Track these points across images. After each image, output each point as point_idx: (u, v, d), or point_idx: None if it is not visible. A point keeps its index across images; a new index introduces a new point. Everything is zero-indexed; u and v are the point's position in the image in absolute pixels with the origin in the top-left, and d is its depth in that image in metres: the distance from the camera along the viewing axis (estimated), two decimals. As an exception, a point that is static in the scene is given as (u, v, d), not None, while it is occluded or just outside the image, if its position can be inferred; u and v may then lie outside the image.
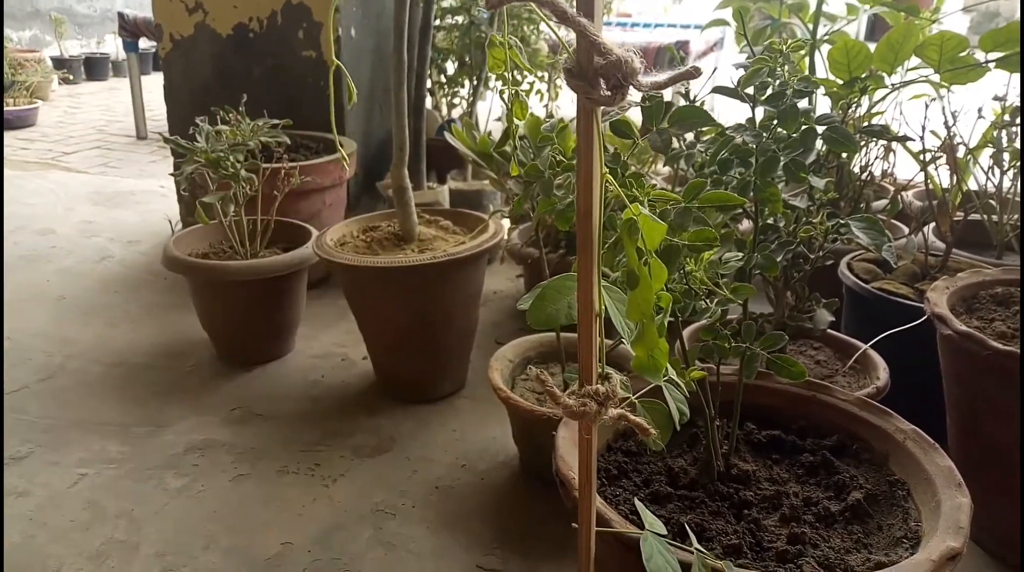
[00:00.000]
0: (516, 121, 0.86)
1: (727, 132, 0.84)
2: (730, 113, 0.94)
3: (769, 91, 0.81)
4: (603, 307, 0.46)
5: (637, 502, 0.65)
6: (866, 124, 1.62)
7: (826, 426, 1.05)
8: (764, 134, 0.83)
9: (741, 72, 0.86)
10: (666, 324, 0.45)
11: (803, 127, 0.81)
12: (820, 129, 0.83)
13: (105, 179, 3.71)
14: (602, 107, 0.38)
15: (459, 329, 1.71)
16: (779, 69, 0.80)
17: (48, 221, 2.98)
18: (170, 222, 2.52)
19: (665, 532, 0.58)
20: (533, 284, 2.15)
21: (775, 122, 0.84)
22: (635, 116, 0.88)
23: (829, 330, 1.52)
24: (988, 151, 1.71)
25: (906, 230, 1.98)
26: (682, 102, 1.34)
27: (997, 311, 1.34)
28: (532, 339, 1.62)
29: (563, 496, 0.88)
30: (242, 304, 1.81)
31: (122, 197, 3.34)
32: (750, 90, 0.85)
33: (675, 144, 0.95)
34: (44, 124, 5.19)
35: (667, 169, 2.27)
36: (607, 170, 0.38)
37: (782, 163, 0.84)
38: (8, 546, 1.31)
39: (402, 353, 1.70)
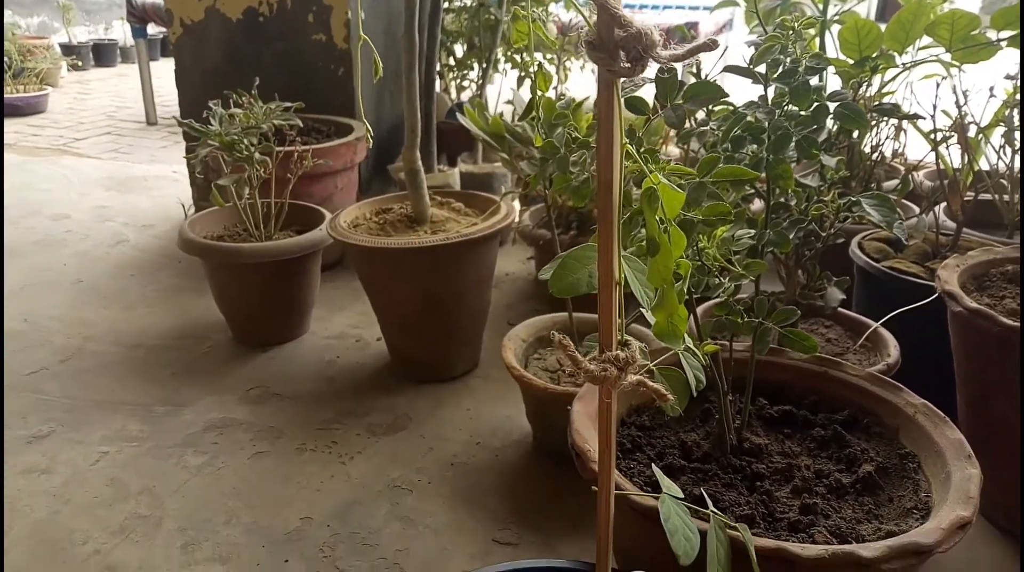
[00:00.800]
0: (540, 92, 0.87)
1: (740, 110, 0.85)
2: (739, 95, 0.95)
3: (781, 68, 0.82)
4: (623, 276, 0.48)
5: (655, 467, 0.67)
6: (877, 103, 1.63)
7: (837, 401, 1.07)
8: (776, 111, 0.84)
9: (752, 50, 0.86)
10: (685, 291, 0.46)
11: (815, 104, 0.82)
12: (831, 106, 0.84)
13: (117, 165, 3.73)
14: (622, 79, 0.39)
15: (472, 310, 1.73)
16: (791, 46, 0.81)
17: (62, 206, 3.00)
18: (183, 206, 2.55)
19: (682, 495, 0.60)
20: (545, 265, 2.16)
21: (787, 99, 0.85)
22: (646, 96, 0.89)
23: (840, 309, 1.54)
24: (1000, 130, 1.71)
25: (917, 210, 1.99)
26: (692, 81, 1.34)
27: (1007, 289, 1.35)
28: (544, 319, 1.64)
29: (579, 468, 0.89)
30: (257, 286, 1.83)
31: (135, 182, 3.36)
32: (762, 68, 0.86)
33: (686, 123, 0.96)
34: (54, 110, 5.22)
35: (677, 151, 2.28)
36: (626, 142, 0.40)
37: (794, 140, 0.85)
38: (33, 521, 1.34)
39: (416, 333, 1.72)
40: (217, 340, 1.96)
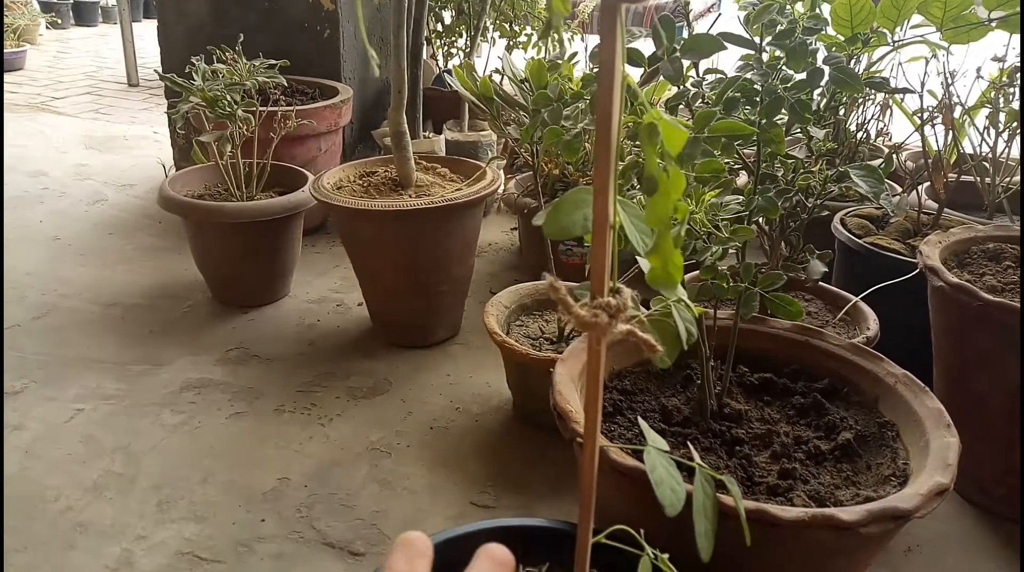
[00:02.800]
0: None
1: (734, 71, 0.84)
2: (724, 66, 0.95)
3: (778, 28, 0.81)
4: (618, 220, 0.47)
5: (640, 421, 0.67)
6: (867, 78, 1.63)
7: (818, 370, 1.07)
8: (771, 74, 0.83)
9: (748, 9, 0.85)
10: (682, 235, 0.46)
11: (810, 67, 0.82)
12: (827, 69, 0.83)
13: (96, 124, 3.66)
14: (625, 4, 0.38)
15: (455, 276, 1.72)
16: (788, 6, 0.80)
17: (39, 163, 2.94)
18: (163, 166, 2.51)
19: (667, 448, 0.60)
20: (529, 235, 2.15)
21: (782, 62, 0.84)
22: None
23: (820, 283, 1.54)
24: (985, 111, 1.71)
25: (899, 189, 2.00)
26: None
27: (988, 266, 1.36)
28: (527, 286, 1.64)
29: (561, 428, 0.89)
30: (238, 247, 1.81)
31: (114, 141, 3.30)
32: (758, 29, 0.85)
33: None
34: (32, 68, 5.11)
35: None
36: (628, 74, 0.39)
37: (788, 103, 0.84)
38: (5, 477, 1.32)
39: (398, 298, 1.71)
40: (196, 300, 1.93)
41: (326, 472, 1.35)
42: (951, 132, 1.72)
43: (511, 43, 2.87)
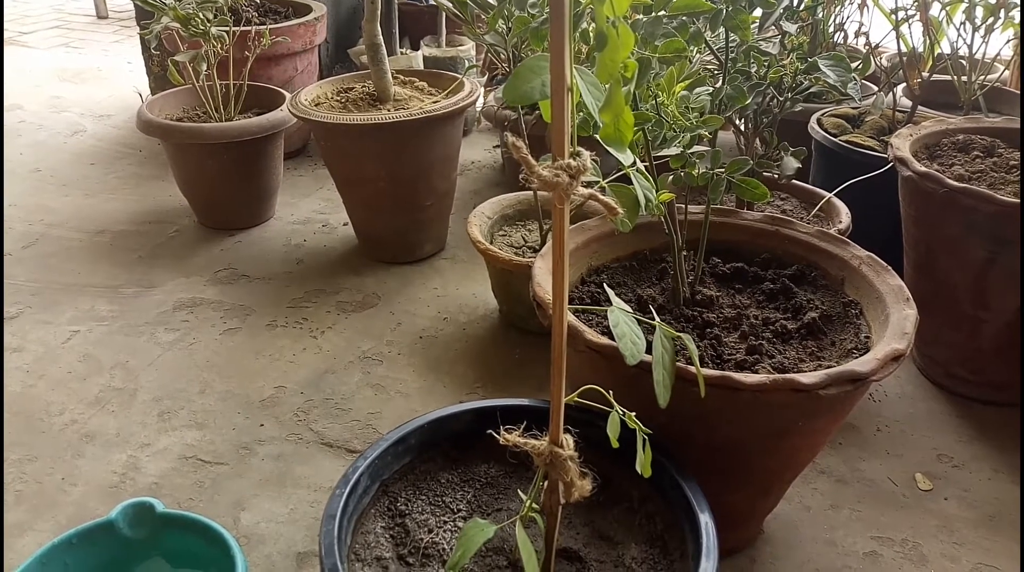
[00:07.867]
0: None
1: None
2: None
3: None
4: (575, 83, 0.49)
5: (605, 286, 0.71)
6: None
7: (787, 257, 1.11)
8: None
9: None
10: (632, 93, 0.48)
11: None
12: (789, -47, 0.84)
13: (68, 57, 3.59)
14: None
15: (438, 190, 1.73)
16: None
17: (13, 97, 2.90)
18: (140, 94, 2.48)
19: (630, 310, 0.64)
20: (510, 151, 2.16)
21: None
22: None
23: (795, 182, 1.57)
24: (963, 7, 1.71)
25: (876, 89, 2.01)
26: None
27: (957, 157, 1.39)
28: (509, 197, 1.66)
29: (540, 317, 0.93)
30: (220, 169, 1.81)
31: (88, 74, 3.25)
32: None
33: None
34: (-4, 2, 4.96)
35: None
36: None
37: (752, -10, 0.86)
38: (9, 394, 1.36)
39: (382, 213, 1.73)
40: (182, 225, 1.95)
41: (320, 380, 1.40)
42: (927, 30, 1.72)
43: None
